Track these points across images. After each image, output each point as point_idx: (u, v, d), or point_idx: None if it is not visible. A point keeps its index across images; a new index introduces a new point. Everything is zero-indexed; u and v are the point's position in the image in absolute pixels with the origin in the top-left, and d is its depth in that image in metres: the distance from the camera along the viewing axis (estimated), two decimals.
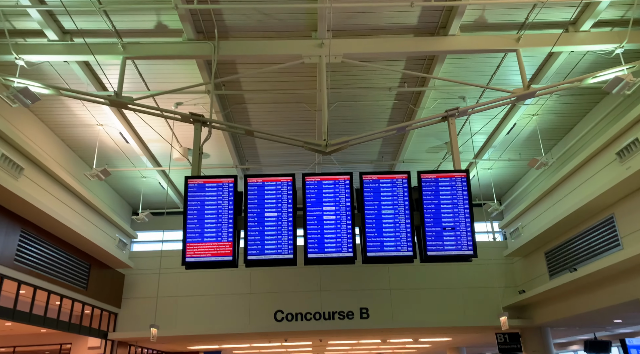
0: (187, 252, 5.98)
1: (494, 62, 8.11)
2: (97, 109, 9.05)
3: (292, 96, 8.90)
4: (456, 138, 6.63)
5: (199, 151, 6.56)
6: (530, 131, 10.34)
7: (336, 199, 6.22)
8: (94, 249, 10.98)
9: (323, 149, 6.61)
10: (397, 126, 6.69)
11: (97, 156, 10.45)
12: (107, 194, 12.48)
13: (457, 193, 6.22)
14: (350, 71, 8.19)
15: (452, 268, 13.38)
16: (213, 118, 6.95)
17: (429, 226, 6.10)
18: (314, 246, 6.04)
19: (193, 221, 6.09)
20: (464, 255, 6.04)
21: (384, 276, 13.26)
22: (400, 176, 6.29)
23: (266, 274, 13.22)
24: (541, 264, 11.93)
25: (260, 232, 6.08)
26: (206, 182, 6.22)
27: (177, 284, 13.16)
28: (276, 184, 6.26)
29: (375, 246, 6.05)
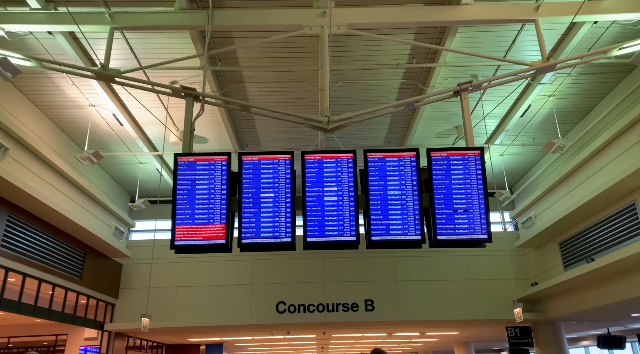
0: (177, 236, 5.52)
1: (509, 35, 7.55)
2: (88, 89, 8.59)
3: (293, 74, 8.39)
4: (469, 113, 6.10)
5: (190, 127, 6.08)
6: (545, 114, 9.77)
7: (338, 178, 5.72)
8: (89, 237, 10.57)
9: (325, 125, 6.11)
10: (406, 101, 6.17)
11: (90, 140, 10.02)
12: (104, 180, 12.06)
13: (470, 172, 5.70)
14: (354, 45, 7.66)
15: (460, 259, 12.87)
16: (207, 93, 6.47)
17: (439, 208, 5.59)
18: (314, 230, 5.55)
19: (183, 202, 5.62)
20: (477, 240, 5.52)
21: (389, 267, 12.77)
22: (408, 153, 5.78)
23: (268, 264, 12.78)
24: (555, 255, 11.39)
25: (256, 214, 5.60)
26: (197, 160, 5.74)
27: (177, 274, 12.76)
28: (273, 162, 5.77)
29: (380, 230, 5.55)
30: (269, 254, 12.77)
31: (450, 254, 12.85)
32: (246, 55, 7.87)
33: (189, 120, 6.09)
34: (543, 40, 6.39)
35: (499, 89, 8.93)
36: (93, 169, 11.46)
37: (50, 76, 8.25)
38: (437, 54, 7.84)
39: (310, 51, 7.76)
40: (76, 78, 8.23)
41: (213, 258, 12.82)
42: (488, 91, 8.93)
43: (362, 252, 12.77)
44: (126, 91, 8.67)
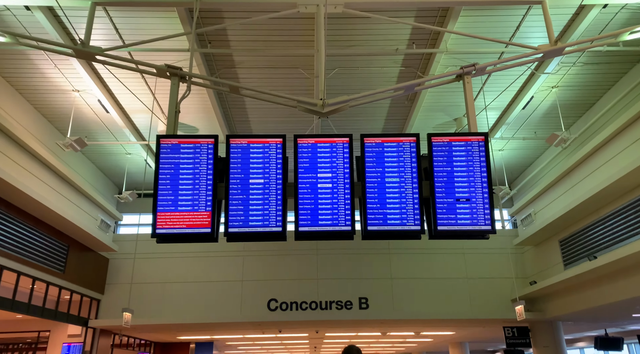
0: (158, 223, 5.13)
1: (514, 20, 7.20)
2: (72, 72, 8.19)
3: (287, 60, 8.02)
4: (472, 99, 5.75)
5: (175, 108, 5.70)
6: (548, 106, 9.45)
7: (333, 164, 5.35)
8: (73, 230, 10.15)
9: (319, 109, 5.74)
10: (406, 84, 5.81)
11: (75, 128, 9.61)
12: (90, 172, 11.63)
13: (473, 159, 5.35)
14: (351, 29, 7.30)
15: (457, 257, 12.54)
16: (194, 72, 6.08)
17: (439, 197, 5.23)
18: (307, 219, 5.18)
19: (165, 188, 5.23)
20: (479, 231, 5.17)
21: (385, 264, 12.42)
22: (407, 139, 5.42)
23: (259, 260, 12.40)
24: (555, 253, 11.07)
25: (244, 201, 5.22)
26: (182, 143, 5.35)
27: (166, 269, 12.35)
28: (263, 146, 5.39)
29: (377, 219, 5.19)
30: (260, 249, 12.39)
31: (447, 251, 12.52)
32: (237, 38, 7.48)
33: (174, 101, 5.71)
34: (551, 23, 6.05)
35: (501, 79, 8.60)
36: (79, 160, 11.04)
37: (31, 58, 7.83)
38: (438, 39, 7.48)
39: (305, 34, 7.38)
40: (58, 60, 7.83)
41: (203, 253, 12.43)
42: (489, 81, 8.59)
43: (357, 248, 12.41)
44: (112, 76, 8.27)
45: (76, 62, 7.84)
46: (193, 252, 12.41)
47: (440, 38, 7.37)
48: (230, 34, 7.39)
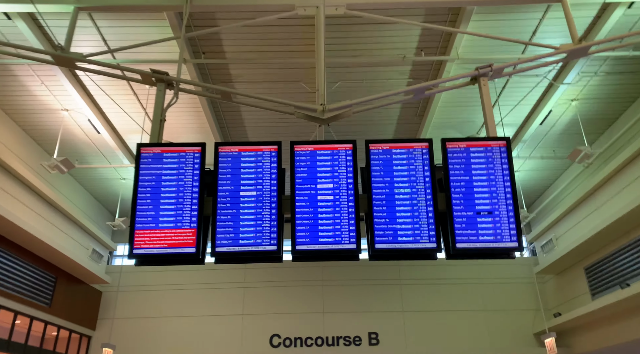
0: (136, 243, 4.49)
1: (530, 24, 6.69)
2: (59, 89, 7.74)
3: (288, 73, 7.53)
4: (490, 101, 5.15)
5: (160, 116, 5.14)
6: (567, 122, 8.83)
7: (335, 174, 4.72)
8: (61, 259, 9.49)
9: (319, 115, 5.16)
10: (416, 87, 5.22)
11: (65, 150, 9.11)
12: (82, 198, 11.07)
13: (494, 167, 4.70)
14: (355, 35, 6.81)
15: (474, 288, 11.67)
16: (182, 77, 5.55)
17: (458, 210, 4.56)
18: (305, 236, 4.51)
19: (145, 202, 4.61)
20: (504, 248, 4.48)
21: (395, 296, 11.57)
22: (419, 144, 4.80)
23: (261, 292, 11.61)
24: (581, 281, 10.21)
25: (234, 216, 4.58)
26: (165, 152, 4.77)
27: (161, 303, 11.58)
28: (256, 154, 4.79)
29: (386, 236, 4.51)
30: (262, 280, 11.63)
31: (462, 281, 11.67)
32: (233, 48, 7.02)
33: (159, 108, 5.16)
34: (573, 20, 5.50)
35: (516, 92, 8.03)
36: (70, 185, 10.51)
37: (16, 74, 7.40)
38: (448, 46, 6.96)
39: (306, 42, 6.91)
40: (45, 76, 7.40)
41: (201, 285, 11.68)
42: (504, 95, 8.03)
43: (365, 278, 11.61)
44: (102, 93, 7.80)
45: (64, 78, 7.39)
46: (190, 285, 11.67)
47: (451, 44, 6.85)
48: (225, 44, 6.93)
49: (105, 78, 7.53)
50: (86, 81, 7.66)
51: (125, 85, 7.72)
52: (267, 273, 11.74)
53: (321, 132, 7.51)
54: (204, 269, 11.81)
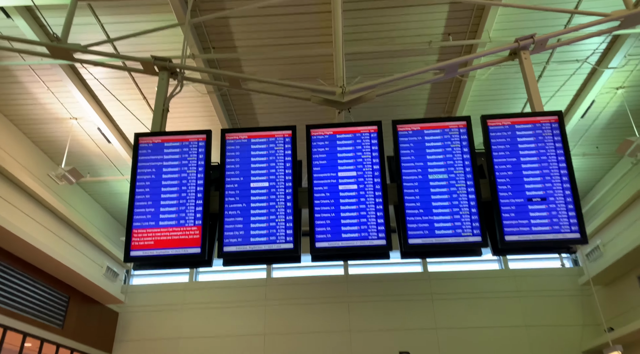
0: (133, 243, 3.93)
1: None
2: (66, 95, 7.39)
3: (304, 69, 7.02)
4: (533, 76, 4.50)
5: (162, 106, 4.64)
6: (611, 113, 8.06)
7: (358, 160, 4.11)
8: (73, 278, 9.02)
9: (338, 98, 4.59)
10: (448, 63, 4.61)
11: (76, 162, 8.73)
12: (96, 213, 10.67)
13: (546, 146, 4.03)
14: (376, 21, 6.28)
15: (513, 302, 10.74)
16: (188, 64, 5.06)
17: (504, 197, 3.88)
18: (326, 231, 3.89)
19: (144, 197, 4.07)
20: (563, 240, 3.76)
21: (427, 311, 10.73)
22: (455, 123, 4.16)
23: (283, 309, 10.91)
24: (634, 292, 9.23)
25: (244, 211, 3.99)
26: (165, 141, 4.24)
27: (181, 323, 10.98)
28: (268, 140, 4.22)
29: (420, 229, 3.85)
30: (284, 297, 10.94)
31: (499, 295, 10.77)
32: (244, 42, 6.55)
33: (161, 97, 4.66)
34: None
35: (555, 80, 7.34)
36: (84, 200, 10.13)
37: (20, 80, 7.07)
38: (478, 29, 6.36)
39: (322, 32, 6.40)
40: (51, 82, 7.07)
41: (221, 304, 11.06)
42: (541, 82, 7.33)
43: (393, 293, 10.81)
44: (111, 97, 7.40)
45: (70, 84, 7.04)
46: (210, 303, 11.07)
47: (481, 27, 6.24)
48: (236, 37, 6.47)
49: (113, 83, 7.19)
50: (94, 86, 7.30)
51: (136, 89, 7.33)
52: (288, 289, 11.08)
53: (341, 119, 6.91)
54: (224, 287, 11.24)
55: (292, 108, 7.73)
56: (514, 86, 7.41)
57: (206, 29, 6.30)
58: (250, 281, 11.28)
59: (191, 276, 11.75)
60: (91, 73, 6.60)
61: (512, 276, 10.99)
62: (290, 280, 11.22)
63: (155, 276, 12.06)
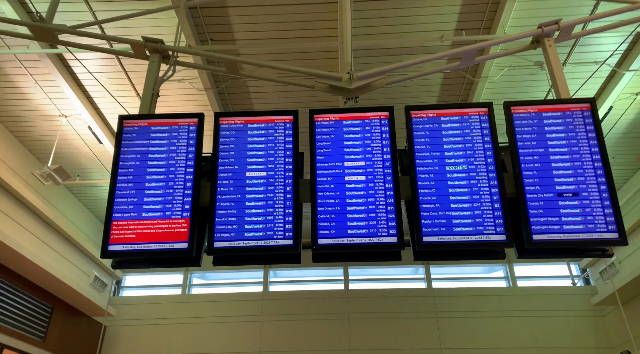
0: (112, 236, 3.47)
1: None
2: (56, 91, 7.00)
3: (308, 64, 6.63)
4: (559, 63, 4.11)
5: (152, 90, 4.23)
6: (630, 121, 7.67)
7: (367, 149, 3.68)
8: (58, 287, 8.49)
9: (345, 85, 4.18)
10: (465, 49, 4.22)
11: (66, 165, 8.28)
12: (86, 220, 10.18)
13: (577, 136, 3.61)
14: (385, 14, 5.92)
15: (522, 322, 10.19)
16: (181, 46, 4.67)
17: (531, 192, 3.45)
18: (329, 226, 3.44)
19: (126, 186, 3.63)
20: (599, 241, 3.32)
21: (432, 330, 10.16)
22: (475, 110, 3.75)
23: (280, 326, 10.34)
24: None
25: (238, 203, 3.55)
26: (153, 125, 3.82)
27: (170, 338, 10.38)
28: (267, 126, 3.80)
29: (437, 226, 3.41)
30: (281, 313, 10.38)
31: (508, 314, 10.22)
32: (243, 34, 6.19)
33: (151, 81, 4.26)
34: None
35: (570, 83, 6.93)
36: (72, 205, 9.66)
37: (6, 72, 6.69)
38: (492, 24, 6.00)
39: (328, 25, 6.04)
40: (38, 74, 6.67)
41: (215, 319, 10.50)
42: None
43: (396, 311, 10.26)
44: (104, 93, 7.00)
45: (60, 79, 6.67)
46: (203, 317, 10.51)
47: (496, 21, 5.88)
48: (236, 29, 6.11)
49: (105, 77, 6.81)
50: (85, 82, 6.92)
51: (129, 85, 6.95)
52: (286, 304, 10.53)
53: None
54: (218, 300, 10.69)
55: (294, 101, 7.30)
56: (528, 88, 7.03)
57: (204, 19, 5.94)
58: (246, 294, 10.75)
59: (184, 288, 11.20)
60: (82, 63, 6.21)
61: (520, 295, 10.46)
62: (288, 295, 10.69)
63: (145, 289, 11.52)
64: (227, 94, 7.07)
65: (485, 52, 5.90)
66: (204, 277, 11.65)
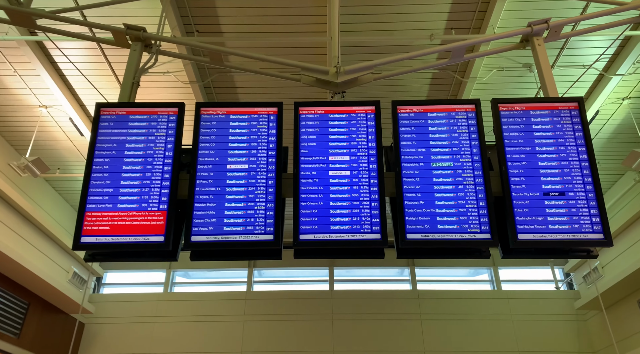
0: (85, 228, 3.34)
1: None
2: (38, 83, 6.82)
3: (296, 59, 6.53)
4: (547, 62, 4.07)
5: (132, 79, 4.11)
6: (616, 126, 7.69)
7: (352, 144, 3.60)
8: (34, 282, 8.27)
9: (332, 78, 4.10)
10: (454, 46, 4.15)
11: (46, 157, 8.08)
12: (66, 214, 9.95)
13: (565, 135, 3.56)
14: (373, 11, 5.85)
15: (506, 325, 10.18)
16: (164, 36, 4.54)
17: (517, 190, 3.39)
18: (312, 221, 3.35)
19: (102, 176, 3.50)
20: (585, 241, 3.27)
21: (416, 332, 10.11)
22: (463, 106, 3.69)
23: (263, 326, 10.22)
24: (634, 317, 8.74)
25: (218, 196, 3.44)
26: (131, 113, 3.69)
27: (151, 336, 10.20)
28: (250, 118, 3.69)
29: (421, 223, 3.33)
30: (264, 313, 10.25)
31: (491, 317, 10.21)
32: (231, 27, 6.07)
33: (132, 69, 4.14)
34: None
35: (558, 85, 6.94)
36: (53, 199, 9.45)
37: None
38: (482, 24, 5.96)
39: (316, 20, 5.95)
40: (16, 61, 6.49)
41: (197, 317, 10.33)
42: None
43: (381, 312, 10.19)
44: (88, 84, 6.83)
45: (41, 68, 6.49)
46: (184, 316, 10.34)
47: (486, 21, 5.84)
48: (223, 22, 5.99)
49: (88, 67, 6.65)
50: (67, 72, 6.75)
51: (112, 76, 6.79)
52: (269, 304, 10.40)
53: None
54: (200, 299, 10.53)
55: (282, 96, 7.14)
56: (516, 89, 7.02)
57: (190, 11, 5.81)
58: (229, 294, 10.60)
59: (166, 287, 11.01)
60: (63, 52, 6.04)
61: (505, 298, 10.46)
62: (271, 294, 10.56)
63: (127, 286, 11.31)
64: (213, 88, 6.95)
65: (475, 50, 5.85)
66: (187, 275, 11.47)
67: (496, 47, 4.61)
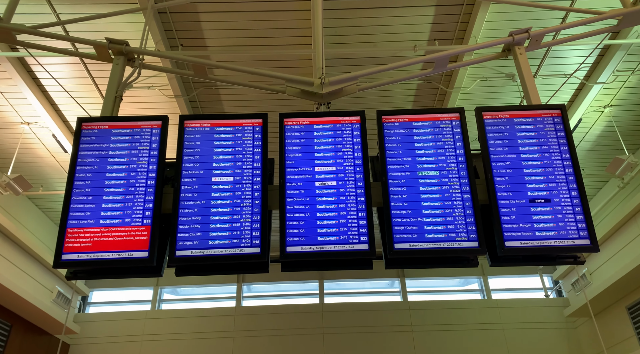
0: (66, 245, 3.27)
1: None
2: (20, 100, 6.73)
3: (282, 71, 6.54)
4: (529, 71, 4.11)
5: (115, 93, 4.06)
6: (598, 134, 7.79)
7: (338, 154, 3.58)
8: (17, 303, 8.08)
9: (317, 89, 4.09)
10: (438, 56, 4.18)
11: (29, 175, 7.96)
12: (49, 232, 9.76)
13: (549, 142, 3.58)
14: (356, 23, 5.89)
15: (496, 334, 10.15)
16: (147, 49, 4.50)
17: (504, 198, 3.39)
18: (299, 233, 3.31)
19: (83, 191, 3.44)
20: (572, 248, 3.28)
21: (407, 343, 10.03)
22: (447, 115, 3.70)
23: (253, 341, 10.07)
24: (623, 323, 8.77)
25: (203, 210, 3.39)
26: (113, 127, 3.64)
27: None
28: (235, 129, 3.67)
29: (409, 233, 3.31)
30: (253, 328, 10.12)
31: (482, 327, 10.18)
32: (215, 41, 6.06)
33: (114, 83, 4.09)
34: None
35: (540, 95, 7.03)
36: (36, 217, 9.29)
37: None
38: (465, 35, 6.03)
39: (301, 33, 5.97)
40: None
41: (185, 335, 10.16)
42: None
43: (372, 325, 10.11)
44: (69, 99, 6.76)
45: (22, 84, 6.41)
46: (172, 334, 10.16)
47: (469, 32, 5.91)
48: (208, 35, 5.98)
49: (70, 83, 6.58)
50: (50, 88, 6.67)
51: (96, 91, 6.73)
52: (259, 319, 10.27)
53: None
54: (189, 316, 10.36)
55: (267, 109, 7.13)
56: (500, 99, 7.09)
57: (174, 25, 5.80)
58: (218, 309, 10.45)
59: (154, 304, 10.83)
60: (45, 68, 5.97)
61: (495, 307, 10.45)
62: (261, 309, 10.43)
63: (113, 305, 11.10)
64: (199, 102, 6.91)
65: (458, 60, 5.91)
66: (175, 292, 11.30)
67: (479, 56, 4.65)
